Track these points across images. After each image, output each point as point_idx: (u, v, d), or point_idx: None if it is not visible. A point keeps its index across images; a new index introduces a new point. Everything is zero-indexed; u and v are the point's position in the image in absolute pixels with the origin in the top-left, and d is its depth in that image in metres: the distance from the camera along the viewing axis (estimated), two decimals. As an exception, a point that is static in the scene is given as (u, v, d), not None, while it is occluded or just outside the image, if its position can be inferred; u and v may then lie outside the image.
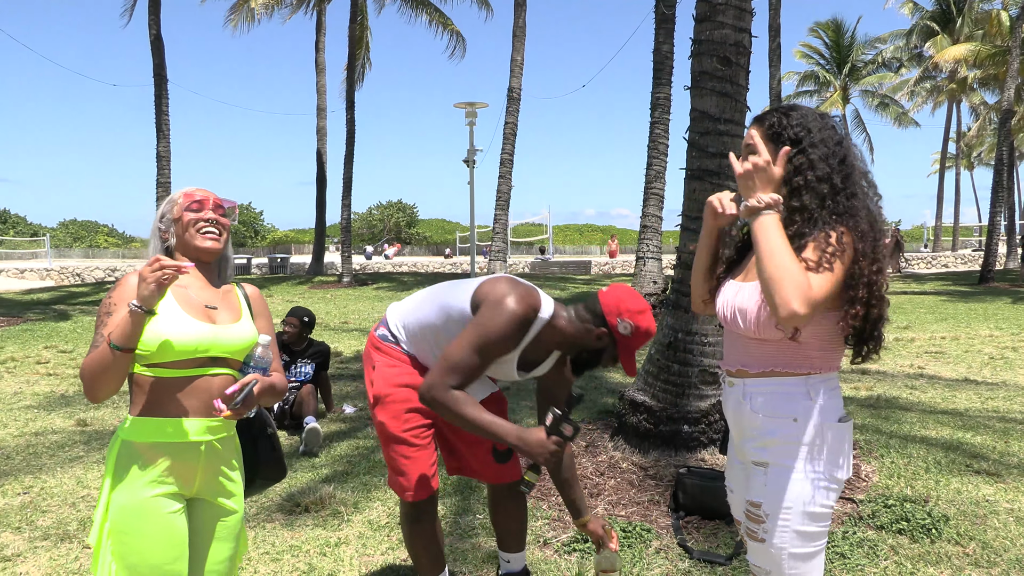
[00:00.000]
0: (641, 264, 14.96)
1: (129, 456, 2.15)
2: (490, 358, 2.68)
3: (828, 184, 2.07)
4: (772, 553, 2.10)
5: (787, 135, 2.11)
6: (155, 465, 2.15)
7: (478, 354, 2.63)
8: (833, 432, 2.09)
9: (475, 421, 2.58)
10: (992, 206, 23.52)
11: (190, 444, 2.20)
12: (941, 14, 42.90)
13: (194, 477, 2.24)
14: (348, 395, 7.68)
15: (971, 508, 4.28)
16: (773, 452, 2.11)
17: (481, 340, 2.64)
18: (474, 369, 2.65)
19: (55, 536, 4.11)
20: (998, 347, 10.62)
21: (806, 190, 2.07)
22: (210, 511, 2.31)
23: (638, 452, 5.04)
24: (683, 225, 5.32)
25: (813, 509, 2.07)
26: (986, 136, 52.34)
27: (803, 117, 2.14)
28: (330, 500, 4.56)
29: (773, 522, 2.08)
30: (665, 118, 14.52)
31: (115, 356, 2.07)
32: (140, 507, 2.13)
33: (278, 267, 32.95)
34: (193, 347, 2.16)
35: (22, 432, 6.28)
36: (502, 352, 2.71)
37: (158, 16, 21.42)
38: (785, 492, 2.08)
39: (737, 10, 5.08)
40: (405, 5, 27.53)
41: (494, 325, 2.63)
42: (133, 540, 2.11)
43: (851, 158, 2.13)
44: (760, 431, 2.14)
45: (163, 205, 2.39)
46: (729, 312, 2.18)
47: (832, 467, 2.09)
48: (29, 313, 15.23)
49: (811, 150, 2.09)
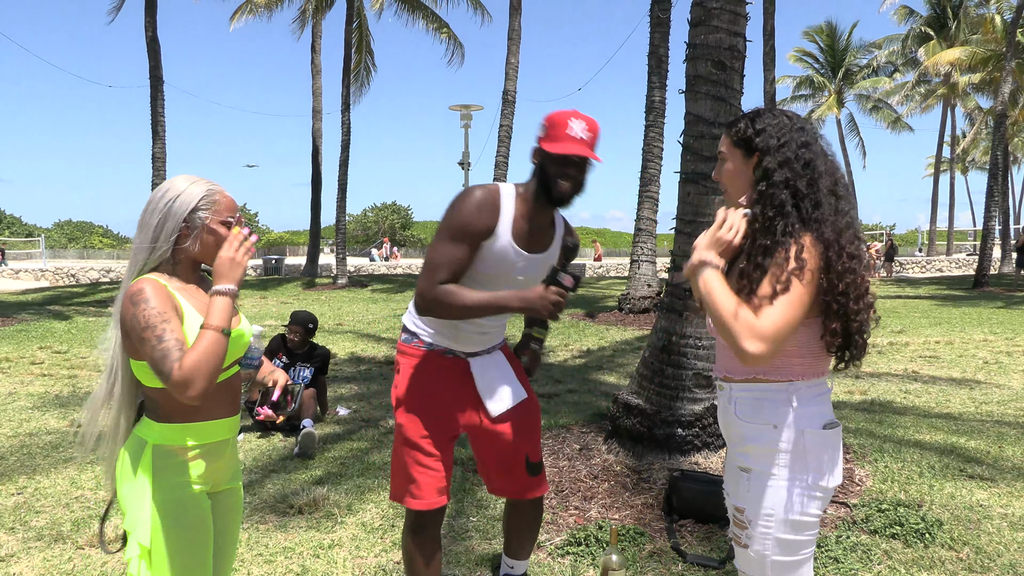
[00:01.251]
0: (635, 267, 14.94)
1: (166, 459, 2.14)
2: (464, 240, 2.59)
3: (789, 191, 2.03)
4: (755, 559, 2.10)
5: (755, 143, 2.10)
6: (192, 466, 2.18)
7: (452, 241, 2.59)
8: (816, 439, 2.07)
9: (474, 302, 2.54)
10: (987, 210, 23.58)
11: (221, 442, 2.26)
12: (936, 19, 43.04)
13: (220, 471, 2.29)
14: (342, 397, 7.67)
15: (965, 513, 4.29)
16: (754, 458, 2.10)
17: (449, 228, 2.60)
18: (455, 259, 2.59)
19: (49, 537, 4.09)
20: (992, 352, 10.64)
21: (761, 200, 2.05)
22: (223, 498, 2.37)
23: (632, 455, 5.04)
24: (677, 228, 5.33)
25: (794, 517, 2.05)
26: (980, 140, 52.55)
27: (767, 122, 2.11)
28: (323, 502, 4.55)
29: (755, 528, 2.08)
30: (660, 121, 14.52)
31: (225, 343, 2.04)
32: (183, 506, 2.15)
33: (273, 269, 32.92)
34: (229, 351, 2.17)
35: (16, 432, 6.26)
36: (474, 231, 2.60)
37: (154, 18, 21.38)
38: (765, 499, 2.06)
39: (732, 14, 5.09)
40: (402, 9, 27.54)
41: (455, 210, 2.60)
42: (177, 538, 2.13)
43: (818, 162, 2.07)
44: (743, 436, 2.13)
45: (191, 196, 2.17)
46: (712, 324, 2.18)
47: (815, 475, 2.06)
48: (24, 313, 15.20)
49: (767, 157, 2.07)
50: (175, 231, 2.14)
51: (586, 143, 2.60)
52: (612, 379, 8.74)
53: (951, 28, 41.73)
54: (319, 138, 28.90)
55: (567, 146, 2.57)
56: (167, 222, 2.14)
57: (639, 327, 13.22)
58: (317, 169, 28.78)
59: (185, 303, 2.12)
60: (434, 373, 2.85)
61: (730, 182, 2.18)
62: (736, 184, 2.17)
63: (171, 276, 2.18)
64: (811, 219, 2.02)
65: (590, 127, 2.60)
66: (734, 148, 2.16)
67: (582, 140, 2.59)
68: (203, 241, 2.17)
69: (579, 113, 2.61)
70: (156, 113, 21.60)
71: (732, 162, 2.16)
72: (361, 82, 30.05)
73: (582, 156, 2.60)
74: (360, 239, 64.77)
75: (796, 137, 2.09)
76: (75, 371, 9.18)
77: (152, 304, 2.03)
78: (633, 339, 11.98)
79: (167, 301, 2.06)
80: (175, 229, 2.14)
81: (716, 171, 2.24)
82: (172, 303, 2.08)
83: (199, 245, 2.17)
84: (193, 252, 2.18)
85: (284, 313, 15.62)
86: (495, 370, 2.87)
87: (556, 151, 2.56)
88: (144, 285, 2.06)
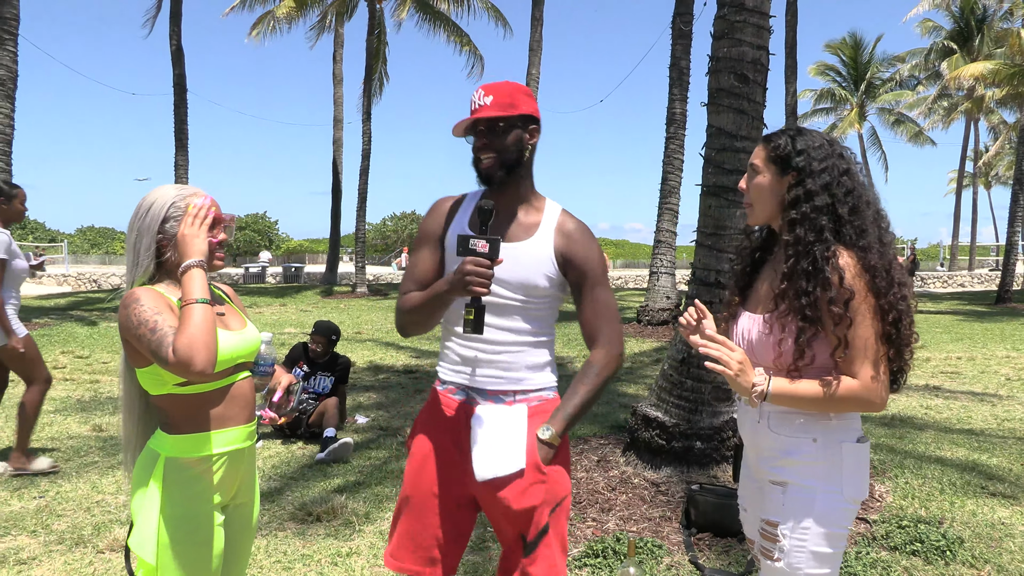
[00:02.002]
0: (654, 279, 14.92)
1: (178, 472, 2.14)
2: (422, 244, 2.48)
3: (830, 215, 2.04)
4: (787, 573, 2.09)
5: (793, 162, 2.10)
6: (207, 478, 2.17)
7: (416, 251, 2.50)
8: (852, 452, 2.09)
9: (417, 300, 2.35)
10: (1010, 225, 23.36)
11: (237, 452, 2.24)
12: (959, 33, 42.78)
13: (235, 483, 2.28)
14: (361, 406, 7.70)
15: (986, 530, 4.25)
16: (792, 472, 2.10)
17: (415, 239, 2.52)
18: (415, 266, 2.47)
19: (70, 540, 4.13)
20: (1015, 368, 10.53)
21: (802, 223, 2.05)
22: (240, 512, 2.36)
23: (650, 468, 5.03)
24: (698, 241, 5.33)
25: (831, 530, 2.07)
26: (1005, 154, 52.08)
27: (809, 143, 2.11)
28: (342, 510, 4.57)
29: (791, 542, 2.07)
30: (681, 133, 14.53)
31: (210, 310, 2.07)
32: (194, 522, 2.14)
33: (292, 276, 33.13)
34: (231, 356, 2.18)
35: (38, 437, 6.32)
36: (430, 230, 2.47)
37: (179, 27, 21.65)
38: (804, 512, 2.07)
39: (755, 28, 5.10)
40: (423, 21, 27.68)
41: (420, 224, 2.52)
42: (185, 553, 2.13)
43: (860, 190, 2.09)
44: (779, 450, 2.13)
45: (159, 208, 2.21)
46: (745, 345, 2.19)
47: (851, 488, 2.08)
48: (46, 318, 15.36)
49: (809, 180, 2.07)
50: (151, 246, 2.19)
51: (476, 111, 2.33)
52: (631, 391, 8.71)
53: (975, 42, 41.46)
54: (339, 147, 29.09)
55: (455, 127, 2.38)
56: (143, 238, 2.20)
57: (658, 339, 13.19)
58: (337, 178, 28.95)
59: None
60: (443, 422, 2.43)
61: (758, 196, 2.18)
62: (764, 199, 2.16)
63: (168, 286, 2.22)
64: (856, 246, 2.03)
65: (485, 91, 2.34)
66: (769, 163, 2.15)
67: (473, 112, 2.34)
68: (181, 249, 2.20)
69: (492, 83, 2.37)
70: (180, 121, 21.84)
71: (765, 176, 2.16)
72: (375, 91, 30.22)
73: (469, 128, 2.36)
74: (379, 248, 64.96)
75: (838, 164, 2.09)
76: (97, 376, 9.26)
77: (143, 303, 2.07)
78: (652, 351, 11.95)
79: (160, 301, 2.10)
80: (151, 244, 2.19)
81: (744, 182, 2.24)
82: (166, 303, 2.12)
83: (179, 253, 2.19)
84: (176, 261, 2.20)
85: (303, 321, 15.70)
86: (500, 425, 2.33)
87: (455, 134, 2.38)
88: (136, 292, 2.12)
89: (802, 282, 2.01)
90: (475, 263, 2.15)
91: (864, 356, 1.98)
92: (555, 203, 2.47)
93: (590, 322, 2.42)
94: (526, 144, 2.36)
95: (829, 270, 1.99)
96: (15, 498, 4.81)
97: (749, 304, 2.28)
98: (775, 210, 2.16)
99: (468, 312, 2.22)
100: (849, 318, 1.97)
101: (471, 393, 2.40)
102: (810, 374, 2.06)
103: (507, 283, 2.33)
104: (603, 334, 2.40)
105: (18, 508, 4.63)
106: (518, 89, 2.36)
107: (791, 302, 2.04)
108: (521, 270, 2.34)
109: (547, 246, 2.37)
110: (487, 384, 2.38)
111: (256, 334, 2.35)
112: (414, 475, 2.43)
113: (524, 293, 2.35)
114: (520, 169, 2.37)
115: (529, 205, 2.42)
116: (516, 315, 2.37)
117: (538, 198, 2.45)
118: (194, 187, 2.30)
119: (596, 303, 2.41)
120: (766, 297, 2.18)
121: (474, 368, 2.39)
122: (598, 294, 2.41)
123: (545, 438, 2.34)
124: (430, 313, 2.35)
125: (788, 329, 2.05)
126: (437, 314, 2.37)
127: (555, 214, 2.43)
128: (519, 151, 2.35)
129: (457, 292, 2.21)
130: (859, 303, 1.98)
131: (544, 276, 2.35)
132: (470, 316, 2.22)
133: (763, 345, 2.11)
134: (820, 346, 2.04)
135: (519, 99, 2.34)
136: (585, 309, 2.41)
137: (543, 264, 2.35)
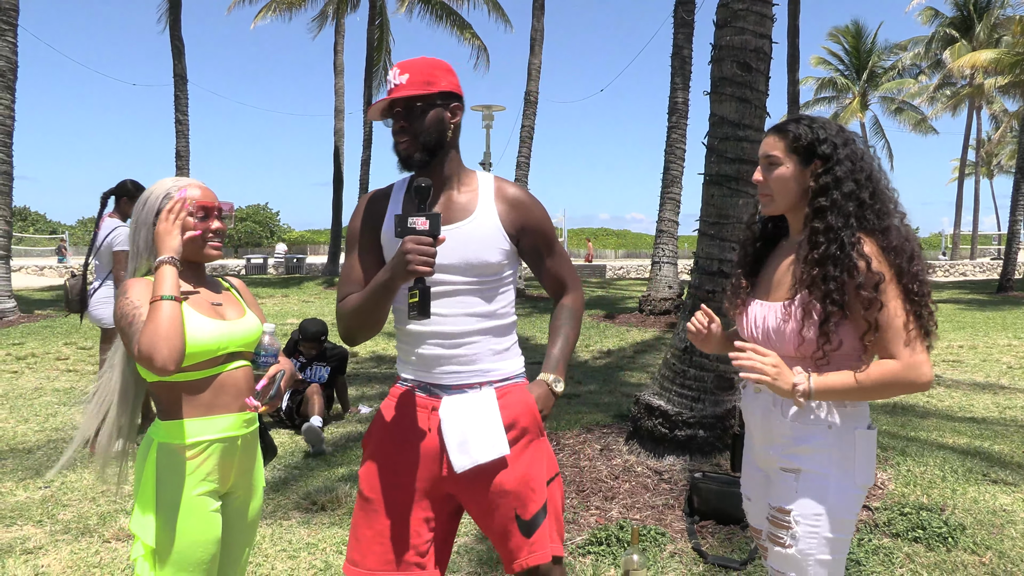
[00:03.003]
0: (657, 269, 14.93)
1: (169, 457, 2.17)
2: (354, 243, 2.33)
3: (855, 202, 2.05)
4: (798, 559, 2.09)
5: (819, 151, 2.10)
6: (197, 464, 2.18)
7: (348, 253, 2.34)
8: (864, 438, 2.10)
9: (362, 295, 2.19)
10: (1012, 214, 23.29)
11: (228, 439, 2.25)
12: (961, 21, 42.66)
13: (231, 472, 2.29)
14: (364, 395, 7.72)
15: (988, 517, 4.26)
16: (806, 459, 2.11)
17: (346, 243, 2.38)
18: (351, 266, 2.31)
19: (76, 530, 4.15)
20: (1017, 356, 10.54)
21: (832, 210, 2.05)
22: (238, 502, 2.37)
23: (653, 456, 5.04)
24: (701, 230, 5.32)
25: (843, 516, 2.08)
26: (1007, 143, 52.01)
27: (828, 131, 2.12)
28: (346, 499, 4.59)
29: (803, 528, 2.08)
30: (683, 123, 14.51)
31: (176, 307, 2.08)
32: (186, 506, 2.16)
33: (294, 267, 33.16)
34: (215, 346, 2.19)
35: (43, 427, 6.35)
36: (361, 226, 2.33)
37: (178, 17, 21.60)
38: (818, 498, 2.08)
39: (758, 16, 5.08)
40: (426, 11, 27.62)
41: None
42: (179, 538, 2.15)
43: (876, 173, 2.11)
44: (792, 438, 2.13)
45: (154, 201, 2.25)
46: (760, 335, 2.18)
47: (862, 474, 2.10)
48: (49, 309, 15.38)
49: (837, 167, 2.08)
50: (148, 238, 2.23)
51: (391, 90, 2.20)
52: (633, 380, 8.73)
53: (976, 30, 41.32)
54: (341, 137, 29.04)
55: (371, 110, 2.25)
56: (141, 231, 2.24)
57: (660, 329, 13.20)
58: (339, 168, 28.93)
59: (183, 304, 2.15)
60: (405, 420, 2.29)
61: (782, 187, 2.16)
62: (788, 189, 2.15)
63: None
64: (877, 229, 2.04)
65: (401, 69, 2.20)
66: (791, 153, 2.14)
67: (389, 91, 2.21)
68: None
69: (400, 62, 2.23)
70: (180, 111, 21.80)
71: (788, 167, 2.14)
72: (380, 82, 30.21)
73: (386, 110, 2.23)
74: (381, 238, 64.92)
75: (856, 149, 2.11)
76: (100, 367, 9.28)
77: (129, 296, 2.11)
78: (654, 340, 11.96)
79: (147, 292, 2.11)
80: (148, 236, 2.23)
81: (760, 174, 2.21)
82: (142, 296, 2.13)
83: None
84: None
85: (305, 312, 15.71)
86: (471, 411, 2.21)
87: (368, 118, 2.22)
88: (129, 281, 2.17)
89: (829, 267, 2.01)
90: (416, 241, 2.00)
91: (900, 336, 1.98)
92: (486, 173, 2.36)
93: (555, 274, 2.41)
94: (448, 123, 2.22)
95: (856, 256, 1.99)
96: (21, 488, 4.83)
97: (759, 292, 2.28)
98: (797, 200, 2.15)
99: (412, 295, 2.05)
100: (880, 301, 1.97)
101: (434, 389, 2.27)
102: (837, 360, 2.06)
103: (456, 267, 2.20)
104: (570, 279, 2.43)
105: (24, 498, 4.65)
106: (437, 65, 2.23)
107: (817, 288, 2.03)
108: (471, 251, 2.21)
109: (492, 218, 2.25)
110: (450, 380, 2.25)
111: (256, 325, 2.35)
112: (374, 476, 2.27)
113: (476, 274, 2.23)
114: (444, 151, 2.24)
115: (459, 183, 2.29)
116: (472, 299, 2.23)
117: (467, 173, 2.32)
118: (191, 179, 2.31)
119: (557, 256, 2.40)
120: (780, 285, 2.18)
121: (434, 366, 2.26)
122: (556, 248, 2.39)
123: (559, 390, 2.33)
124: (373, 307, 2.17)
125: (811, 316, 2.04)
126: (382, 308, 2.18)
127: (489, 184, 2.31)
128: (440, 132, 2.21)
129: (400, 276, 2.05)
130: (887, 285, 1.98)
131: (497, 250, 2.24)
132: (414, 299, 2.04)
133: (782, 333, 2.11)
134: (846, 331, 2.05)
135: (437, 76, 2.20)
136: (548, 265, 2.39)
137: (493, 238, 2.24)
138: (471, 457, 2.16)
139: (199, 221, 2.27)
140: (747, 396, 2.30)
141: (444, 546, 2.32)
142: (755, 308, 2.23)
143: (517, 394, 2.29)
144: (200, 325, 2.17)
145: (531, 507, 2.24)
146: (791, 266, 2.16)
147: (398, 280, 2.07)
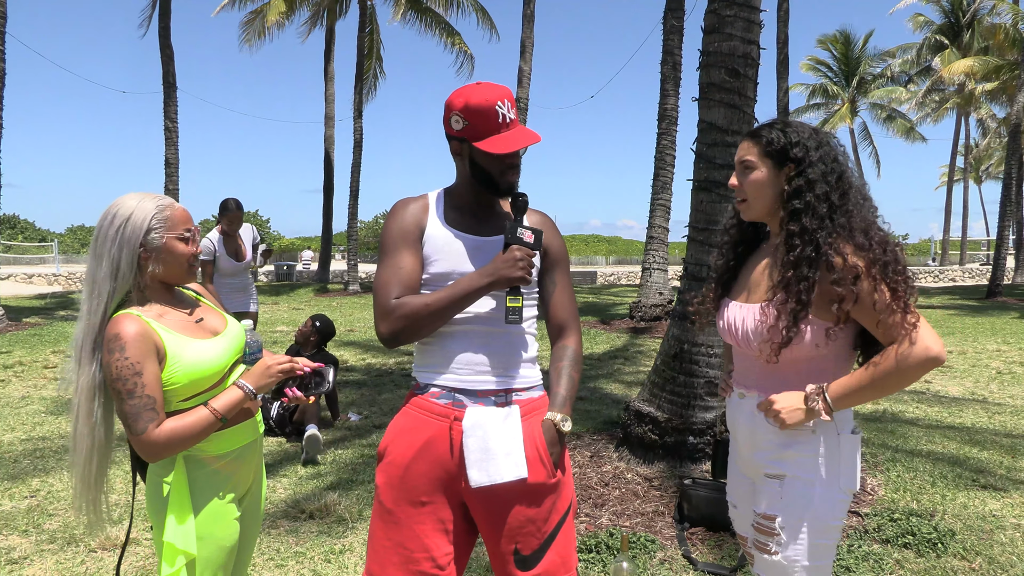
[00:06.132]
0: (647, 275, 14.93)
1: (198, 468, 2.17)
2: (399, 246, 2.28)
3: (827, 203, 2.06)
4: (784, 566, 2.09)
5: (791, 154, 2.11)
6: (221, 474, 2.20)
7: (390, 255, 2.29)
8: (849, 443, 2.10)
9: (436, 298, 2.18)
10: (1000, 220, 23.46)
11: (248, 445, 2.28)
12: (950, 27, 42.94)
13: (250, 475, 2.32)
14: (353, 403, 7.69)
15: (977, 523, 4.27)
16: (791, 464, 2.11)
17: (384, 244, 2.32)
18: (399, 267, 2.26)
19: (61, 540, 4.11)
20: (1006, 362, 10.58)
21: (806, 212, 2.06)
22: (248, 501, 2.38)
23: (643, 463, 5.03)
24: (690, 236, 5.33)
25: (829, 522, 2.08)
26: (995, 150, 52.32)
27: (800, 134, 2.13)
28: (335, 507, 4.56)
29: (789, 534, 2.08)
30: (672, 129, 14.53)
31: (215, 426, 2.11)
32: (219, 513, 2.18)
33: (284, 275, 33.08)
34: (224, 364, 2.18)
35: (29, 436, 6.30)
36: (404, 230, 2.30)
37: (168, 25, 21.55)
38: (803, 504, 2.07)
39: (746, 22, 5.10)
40: (414, 19, 27.66)
41: (384, 226, 2.35)
42: (215, 545, 2.17)
43: (848, 174, 2.12)
44: (778, 443, 2.13)
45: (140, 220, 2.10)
46: (740, 336, 2.19)
47: (846, 479, 2.09)
48: (37, 318, 15.29)
49: (810, 170, 2.08)
50: (134, 258, 2.08)
51: (516, 123, 2.26)
52: (623, 387, 8.72)
53: (965, 37, 41.60)
54: (331, 144, 29.02)
55: (508, 142, 2.21)
56: (124, 250, 2.07)
57: (651, 335, 13.20)
58: (329, 175, 28.90)
59: (166, 333, 2.07)
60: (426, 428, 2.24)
61: (757, 192, 2.18)
62: (764, 194, 2.16)
63: (145, 304, 2.13)
64: (845, 228, 2.03)
65: (511, 100, 2.24)
66: (765, 157, 2.15)
67: (513, 122, 2.24)
68: (164, 262, 2.13)
69: (496, 89, 2.22)
70: (169, 118, 21.73)
71: (762, 171, 2.16)
72: (369, 88, 30.22)
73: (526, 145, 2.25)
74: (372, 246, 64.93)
75: (828, 151, 2.12)
76: (88, 375, 9.22)
77: (126, 353, 1.98)
78: (645, 347, 11.96)
79: (144, 344, 2.00)
80: (134, 256, 2.08)
81: (736, 179, 2.23)
82: (152, 342, 2.03)
83: (161, 266, 2.13)
84: (158, 274, 2.14)
85: (295, 319, 15.67)
86: (495, 428, 2.19)
87: (499, 151, 2.18)
88: (120, 328, 2.00)
89: (804, 268, 2.02)
90: (523, 251, 2.15)
91: (896, 319, 1.96)
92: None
93: (563, 307, 2.40)
94: None
95: (832, 253, 1.99)
96: (6, 498, 4.78)
97: (734, 294, 2.29)
98: (773, 204, 2.16)
99: (514, 300, 2.18)
100: (855, 293, 1.97)
101: (458, 395, 2.24)
102: (836, 368, 2.08)
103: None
104: (573, 321, 2.41)
105: (9, 508, 4.61)
106: None
107: (790, 287, 2.04)
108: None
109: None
110: (478, 384, 2.24)
111: (238, 327, 2.36)
112: (392, 486, 2.24)
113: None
114: None
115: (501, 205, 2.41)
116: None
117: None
118: (158, 194, 2.19)
119: (567, 290, 2.41)
120: (758, 287, 2.19)
121: (464, 368, 2.26)
122: (567, 280, 2.41)
123: (567, 429, 2.27)
124: (454, 309, 2.19)
125: (785, 313, 2.05)
126: (459, 309, 2.21)
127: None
128: None
129: (501, 282, 2.15)
130: (865, 277, 1.97)
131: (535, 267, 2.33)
132: (518, 304, 2.19)
133: (759, 333, 2.11)
134: (811, 324, 2.05)
135: None
136: (556, 295, 2.39)
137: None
138: (489, 475, 2.14)
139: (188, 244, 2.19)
140: (732, 403, 2.29)
141: (462, 557, 2.30)
142: (733, 310, 2.24)
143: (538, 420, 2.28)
144: (203, 349, 2.13)
145: (532, 542, 2.22)
146: (768, 268, 2.18)
147: (499, 285, 2.16)
